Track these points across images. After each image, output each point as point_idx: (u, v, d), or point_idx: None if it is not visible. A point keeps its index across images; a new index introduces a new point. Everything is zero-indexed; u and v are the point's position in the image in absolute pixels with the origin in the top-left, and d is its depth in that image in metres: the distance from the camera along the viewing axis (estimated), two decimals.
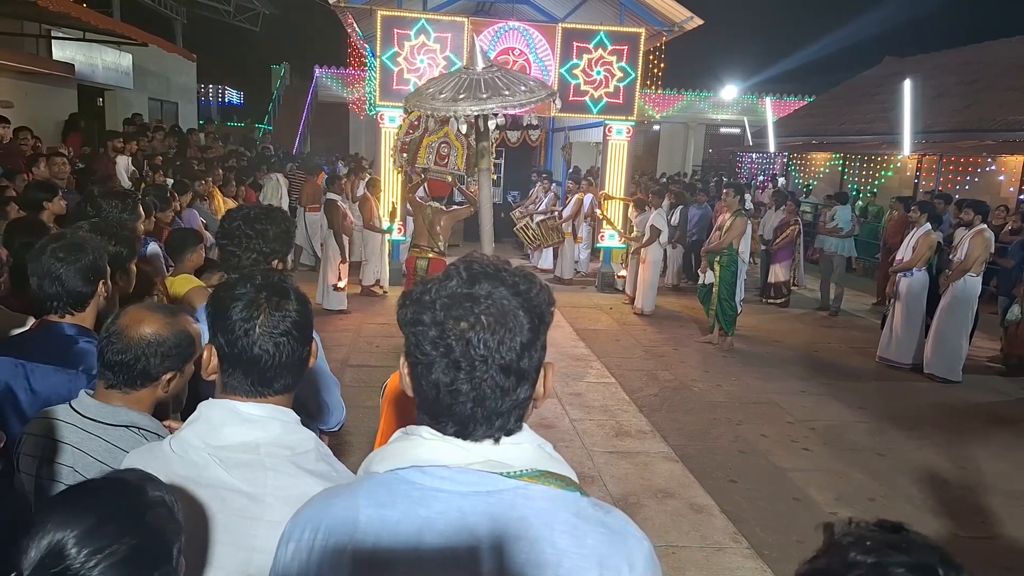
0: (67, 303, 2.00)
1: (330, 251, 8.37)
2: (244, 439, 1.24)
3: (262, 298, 1.27)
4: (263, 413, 1.27)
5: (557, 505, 0.96)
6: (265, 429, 1.26)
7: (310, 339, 1.33)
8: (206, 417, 1.27)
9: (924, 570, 0.74)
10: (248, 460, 1.23)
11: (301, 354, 1.30)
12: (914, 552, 0.75)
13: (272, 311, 1.26)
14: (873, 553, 0.76)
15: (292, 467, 1.24)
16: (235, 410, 1.26)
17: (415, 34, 9.34)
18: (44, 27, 10.80)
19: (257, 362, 1.25)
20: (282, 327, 1.26)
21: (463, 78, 3.54)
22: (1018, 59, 15.18)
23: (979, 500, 4.56)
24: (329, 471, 1.29)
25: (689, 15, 9.88)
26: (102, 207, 2.99)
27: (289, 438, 1.28)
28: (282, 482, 1.22)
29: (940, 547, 0.78)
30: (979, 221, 7.02)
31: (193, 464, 1.24)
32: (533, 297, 0.98)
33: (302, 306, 1.31)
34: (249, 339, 1.24)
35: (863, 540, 0.78)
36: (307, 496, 1.17)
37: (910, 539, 0.78)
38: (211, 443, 1.24)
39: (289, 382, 1.30)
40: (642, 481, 4.52)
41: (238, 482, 1.22)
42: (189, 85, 18.85)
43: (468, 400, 0.95)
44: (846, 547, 0.78)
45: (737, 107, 24.63)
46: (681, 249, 10.99)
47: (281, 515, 1.15)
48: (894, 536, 0.79)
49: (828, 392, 6.49)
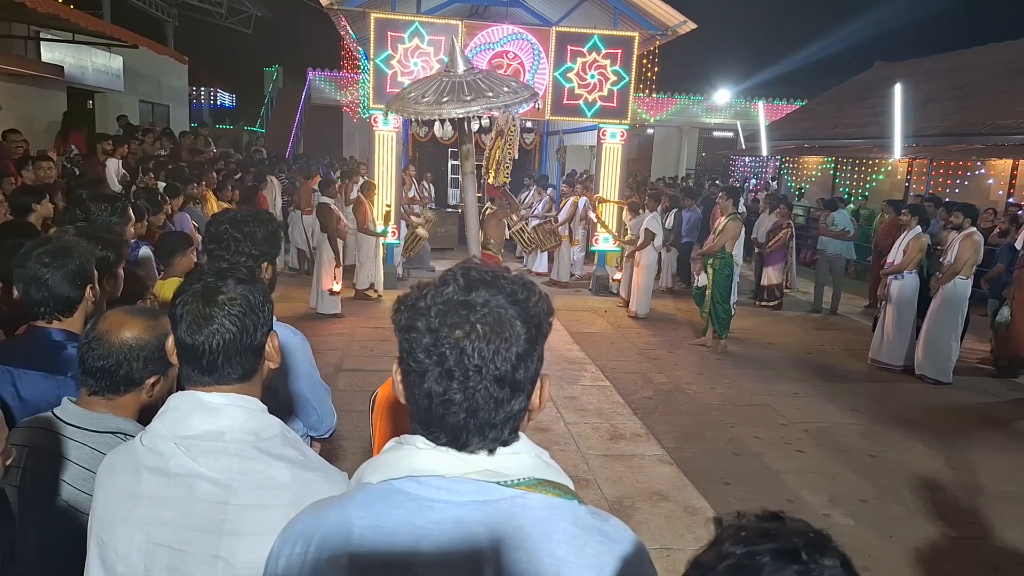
0: (54, 308, 1.98)
1: (324, 255, 8.34)
2: (208, 427, 1.27)
3: (198, 291, 1.30)
4: (226, 401, 1.29)
5: (555, 514, 0.95)
6: (229, 416, 1.28)
7: (257, 328, 1.33)
8: (174, 408, 1.30)
9: (787, 554, 0.76)
10: (213, 447, 1.25)
11: (245, 343, 1.30)
12: (781, 538, 0.77)
13: (206, 304, 1.28)
14: (744, 543, 0.78)
15: (257, 452, 1.26)
16: (199, 400, 1.29)
17: (409, 37, 9.33)
18: (33, 29, 10.73)
19: (197, 352, 1.28)
20: (218, 318, 1.28)
21: (445, 81, 3.53)
22: (1006, 64, 15.30)
23: (970, 501, 4.57)
24: (296, 455, 1.31)
25: (683, 19, 9.91)
26: (91, 211, 2.97)
27: (252, 424, 1.30)
28: (247, 467, 1.25)
29: (813, 532, 0.79)
30: (969, 224, 7.06)
31: (160, 454, 1.26)
32: (532, 306, 0.96)
33: (244, 297, 1.32)
34: (188, 331, 1.28)
35: (739, 531, 0.80)
36: (273, 480, 1.23)
37: (781, 526, 0.80)
38: (178, 433, 1.26)
39: (241, 371, 1.31)
40: (637, 484, 4.52)
41: (204, 469, 1.24)
42: (181, 88, 18.76)
43: (461, 410, 0.93)
44: (723, 539, 0.81)
45: (730, 111, 24.72)
46: (675, 252, 11.01)
47: (247, 499, 1.22)
48: (767, 524, 0.80)
49: (821, 394, 6.51)
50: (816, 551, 0.76)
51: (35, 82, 10.65)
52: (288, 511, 1.17)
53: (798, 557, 0.76)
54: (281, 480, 1.25)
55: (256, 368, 1.35)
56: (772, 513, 0.83)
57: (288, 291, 9.26)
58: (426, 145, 14.67)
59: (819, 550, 0.77)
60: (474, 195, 4.36)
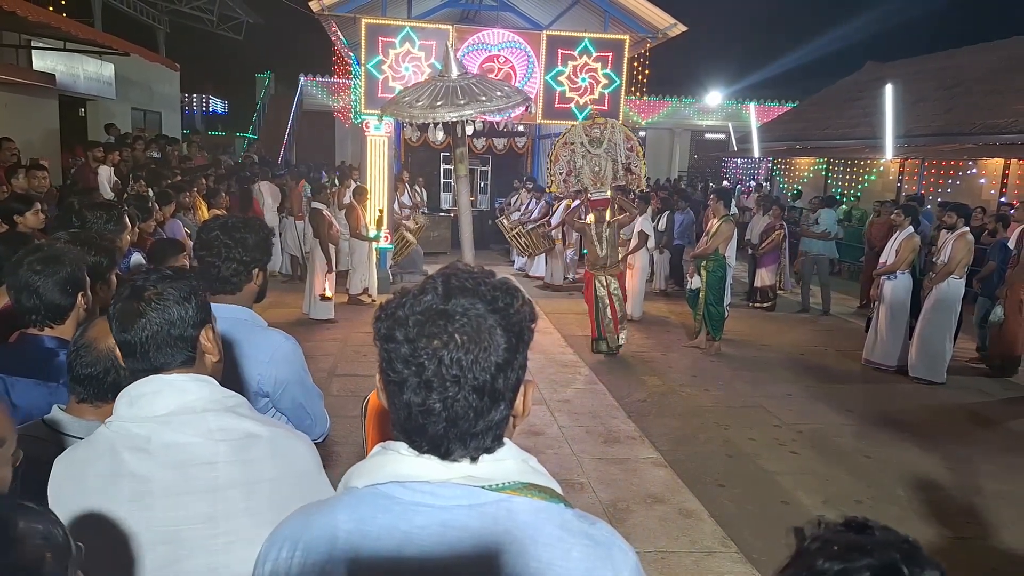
0: (46, 316, 1.98)
1: (316, 260, 8.32)
2: (178, 403, 1.35)
3: (127, 291, 1.40)
4: (189, 379, 1.39)
5: (541, 518, 0.94)
6: (197, 392, 1.38)
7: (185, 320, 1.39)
8: (138, 395, 1.36)
9: (889, 570, 0.73)
10: (191, 419, 1.34)
11: (174, 334, 1.38)
12: (877, 553, 0.74)
13: (134, 301, 1.38)
14: (838, 559, 0.75)
15: (232, 415, 1.38)
16: (164, 380, 1.37)
17: (400, 42, 9.34)
18: (24, 37, 10.69)
19: (132, 345, 1.37)
20: (146, 312, 1.36)
21: (439, 86, 3.56)
22: (996, 64, 15.41)
23: (965, 501, 4.59)
24: (264, 418, 1.44)
25: (673, 22, 9.94)
26: (87, 218, 2.96)
27: (218, 395, 1.40)
28: (226, 425, 1.36)
29: (906, 543, 0.77)
30: (961, 224, 7.10)
31: (137, 436, 1.32)
32: (512, 314, 0.94)
33: (168, 292, 1.39)
34: (120, 328, 1.38)
35: (829, 545, 0.77)
36: (252, 433, 1.35)
37: (875, 539, 0.77)
38: (151, 415, 1.34)
39: (178, 360, 1.39)
40: (631, 487, 4.52)
41: (186, 437, 1.33)
42: (172, 94, 18.73)
43: (441, 420, 0.92)
44: (813, 553, 0.78)
45: (722, 113, 24.84)
46: (668, 254, 11.04)
47: (232, 455, 1.33)
48: (859, 538, 0.77)
49: (814, 395, 6.52)
50: (916, 564, 0.74)
51: (27, 90, 10.61)
52: (272, 462, 1.37)
53: (899, 571, 0.73)
54: (259, 433, 1.38)
55: (193, 357, 1.42)
56: (858, 523, 0.80)
57: (281, 297, 9.23)
58: (418, 150, 14.67)
59: (918, 563, 0.74)
60: (467, 198, 4.37)
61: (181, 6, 18.36)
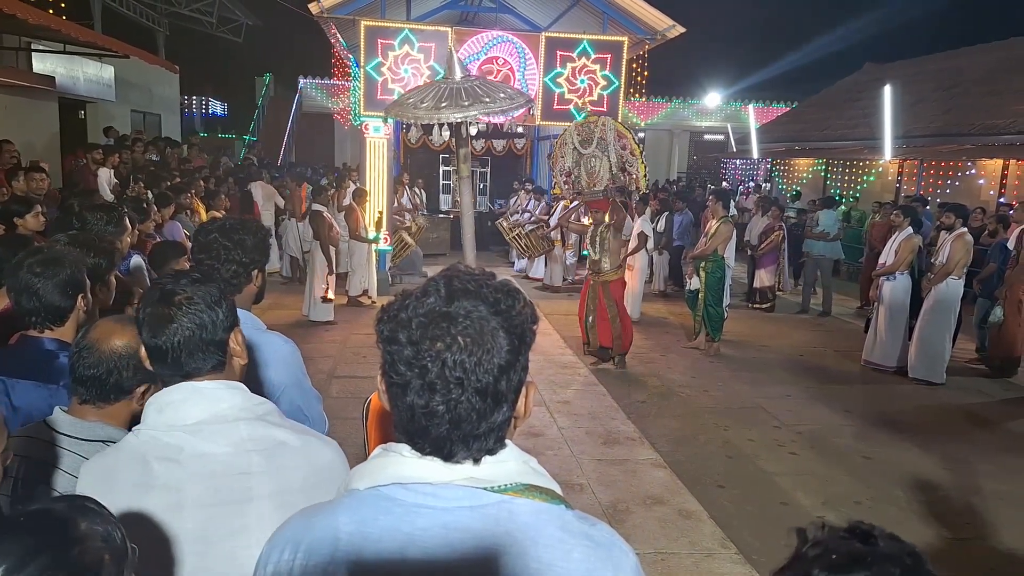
0: (46, 318, 1.98)
1: (316, 262, 8.33)
2: (208, 412, 1.33)
3: (157, 295, 1.38)
4: (216, 386, 1.36)
5: (542, 519, 0.95)
6: (227, 400, 1.35)
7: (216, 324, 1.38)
8: (167, 402, 1.34)
9: None
10: (222, 428, 1.32)
11: (205, 338, 1.36)
12: (877, 568, 0.72)
13: (165, 306, 1.36)
14: (835, 571, 0.73)
15: (263, 424, 1.36)
16: (193, 387, 1.34)
17: (399, 44, 9.35)
18: (24, 40, 10.70)
19: (163, 351, 1.35)
20: (176, 317, 1.34)
21: (443, 88, 3.59)
22: (994, 64, 15.42)
23: (964, 502, 4.59)
24: (292, 424, 1.42)
25: (671, 23, 9.96)
26: (87, 220, 2.98)
27: (248, 402, 1.38)
28: (258, 434, 1.34)
29: (910, 556, 0.75)
30: (960, 225, 7.10)
31: (167, 446, 1.30)
32: (515, 316, 0.95)
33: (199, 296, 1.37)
34: (151, 333, 1.35)
35: (828, 554, 0.75)
36: (283, 443, 1.32)
37: (877, 551, 0.74)
38: (179, 423, 1.32)
39: (209, 365, 1.37)
40: (631, 488, 4.52)
41: (217, 447, 1.31)
42: (172, 97, 18.73)
43: (444, 422, 0.92)
44: (811, 561, 0.76)
45: (720, 114, 24.85)
46: (667, 255, 11.05)
47: (264, 465, 1.31)
48: (861, 548, 0.75)
49: (814, 396, 6.53)
50: None
51: (27, 93, 10.62)
52: (304, 471, 1.32)
53: None
54: (292, 443, 1.35)
55: (224, 362, 1.40)
56: (862, 530, 0.78)
57: (280, 299, 9.24)
58: (417, 151, 14.68)
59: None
60: (470, 199, 4.38)
61: (181, 8, 18.39)
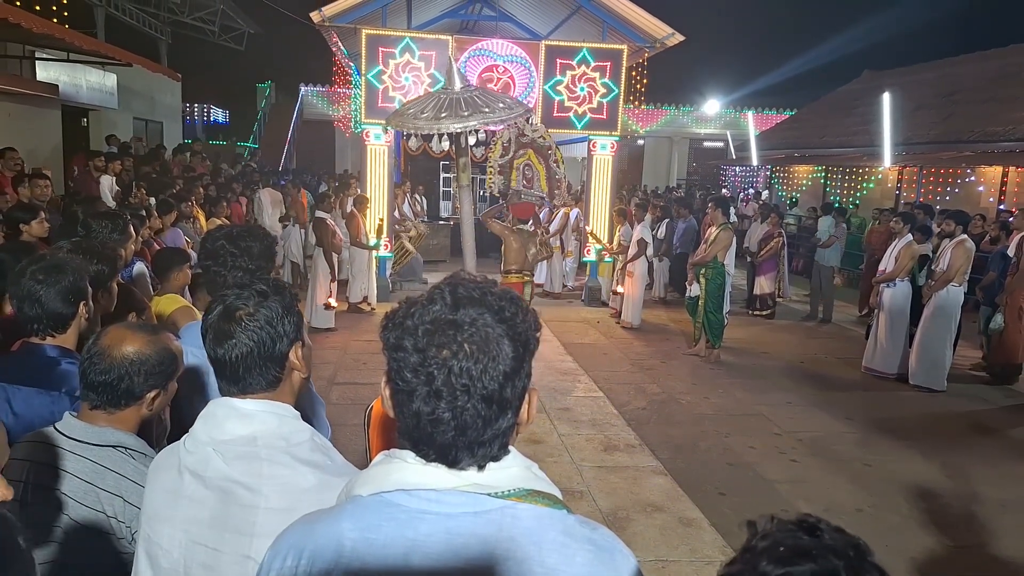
0: (48, 325, 1.99)
1: (319, 269, 8.34)
2: (243, 432, 1.33)
3: (220, 307, 1.38)
4: (259, 408, 1.35)
5: (544, 524, 0.95)
6: (262, 423, 1.34)
7: (276, 340, 1.37)
8: (211, 414, 1.36)
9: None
10: (245, 452, 1.31)
11: (264, 355, 1.36)
12: (821, 559, 0.76)
13: (226, 321, 1.36)
14: (781, 563, 0.76)
15: (287, 458, 1.32)
16: (233, 406, 1.35)
17: (400, 52, 9.40)
18: (28, 48, 10.77)
19: (222, 363, 1.36)
20: (236, 333, 1.35)
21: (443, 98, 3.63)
22: (993, 72, 15.47)
23: (966, 509, 4.58)
24: (324, 460, 1.36)
25: (670, 31, 10.00)
26: (92, 227, 3.00)
27: (284, 430, 1.35)
28: (277, 471, 1.30)
29: (853, 548, 0.78)
30: (960, 232, 7.11)
31: (200, 459, 1.33)
32: (519, 323, 0.96)
33: (261, 313, 1.37)
34: (212, 345, 1.37)
35: (776, 547, 0.78)
36: (301, 486, 1.28)
37: (821, 544, 0.78)
38: (215, 438, 1.33)
39: (264, 381, 1.37)
40: (631, 495, 4.52)
41: (237, 474, 1.30)
42: (174, 104, 18.81)
43: (450, 429, 0.93)
44: (759, 554, 0.79)
45: (720, 121, 24.93)
46: (667, 262, 11.06)
47: (276, 503, 1.28)
48: (806, 541, 0.78)
49: (814, 403, 6.52)
50: (858, 573, 0.76)
51: (31, 101, 10.67)
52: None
53: None
54: (306, 485, 1.30)
55: (280, 378, 1.40)
56: (808, 523, 0.81)
57: None
58: (418, 159, 14.72)
59: (861, 572, 0.76)
60: (470, 207, 4.42)
61: (183, 17, 18.47)
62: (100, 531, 1.55)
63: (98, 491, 1.55)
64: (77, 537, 1.53)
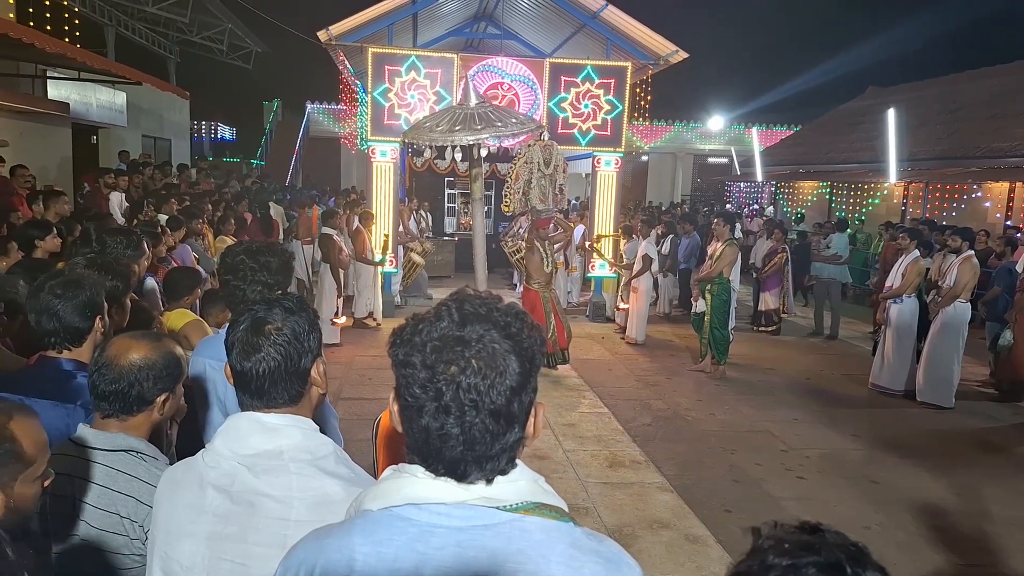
0: (65, 338, 2.03)
1: (325, 285, 8.38)
2: (268, 447, 1.34)
3: (248, 321, 1.40)
4: (283, 422, 1.37)
5: (552, 536, 0.97)
6: (288, 436, 1.36)
7: (302, 355, 1.40)
8: (234, 428, 1.37)
9: (832, 568, 0.78)
10: (273, 466, 1.33)
11: (290, 369, 1.38)
12: (825, 552, 0.79)
13: (253, 334, 1.38)
14: (787, 555, 0.80)
15: (314, 470, 1.34)
16: (258, 420, 1.36)
17: (405, 70, 9.50)
18: (40, 67, 10.93)
19: (247, 377, 1.37)
20: (264, 347, 1.37)
21: (458, 112, 3.71)
22: (997, 88, 15.53)
23: (974, 527, 4.55)
24: (348, 473, 1.38)
25: (674, 49, 10.08)
26: (107, 243, 3.05)
27: (308, 443, 1.37)
28: (305, 484, 1.32)
29: (854, 545, 0.82)
30: (966, 247, 7.11)
31: (225, 473, 1.33)
32: (524, 339, 0.98)
33: (289, 328, 1.40)
34: (238, 358, 1.38)
35: (781, 543, 0.82)
36: (329, 497, 1.29)
37: (824, 539, 0.82)
38: (239, 452, 1.34)
39: (287, 396, 1.39)
40: (637, 512, 4.50)
41: (266, 487, 1.31)
42: (182, 122, 19.01)
43: (458, 444, 0.95)
44: (766, 551, 0.82)
45: (724, 137, 25.03)
46: (672, 278, 11.06)
47: (306, 516, 1.29)
48: (809, 537, 0.82)
49: (821, 420, 6.50)
50: (859, 564, 0.79)
51: (42, 119, 10.81)
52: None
53: (843, 571, 0.78)
54: (336, 497, 1.31)
55: (303, 392, 1.42)
56: (810, 525, 0.85)
57: None
58: (423, 175, 14.80)
59: (861, 563, 0.79)
60: (483, 220, 4.47)
61: (192, 36, 18.72)
62: (113, 532, 1.59)
63: (112, 493, 1.59)
64: (92, 539, 1.58)
